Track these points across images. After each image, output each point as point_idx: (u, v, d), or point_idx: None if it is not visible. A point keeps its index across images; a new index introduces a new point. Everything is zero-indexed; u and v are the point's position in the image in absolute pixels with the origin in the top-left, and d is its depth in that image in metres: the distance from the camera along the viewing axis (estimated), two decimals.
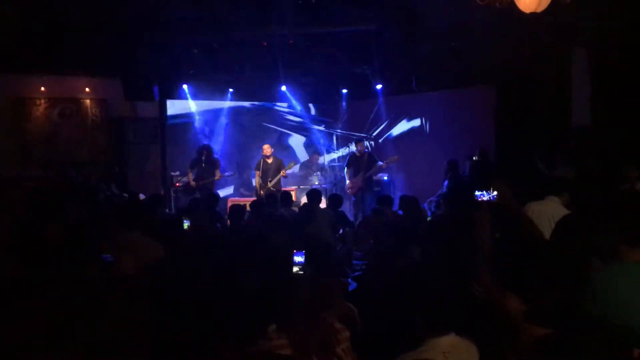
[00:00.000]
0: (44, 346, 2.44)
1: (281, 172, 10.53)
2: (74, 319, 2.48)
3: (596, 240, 4.35)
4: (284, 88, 12.78)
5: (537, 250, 4.02)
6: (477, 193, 7.68)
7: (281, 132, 13.63)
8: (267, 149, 10.75)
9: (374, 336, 3.79)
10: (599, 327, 3.04)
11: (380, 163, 11.02)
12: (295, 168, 12.17)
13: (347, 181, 11.19)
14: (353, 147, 11.80)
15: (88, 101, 12.22)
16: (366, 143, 12.21)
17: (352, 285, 5.29)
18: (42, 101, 11.78)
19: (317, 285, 3.50)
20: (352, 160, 11.24)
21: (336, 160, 13.45)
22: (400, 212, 7.80)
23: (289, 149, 13.41)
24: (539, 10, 5.32)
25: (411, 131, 12.60)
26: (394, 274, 4.40)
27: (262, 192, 10.50)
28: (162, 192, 11.75)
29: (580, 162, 8.80)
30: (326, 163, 13.15)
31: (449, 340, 2.91)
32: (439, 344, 2.89)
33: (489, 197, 7.53)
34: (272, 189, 10.33)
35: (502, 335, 3.40)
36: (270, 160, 10.65)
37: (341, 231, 7.90)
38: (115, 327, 2.54)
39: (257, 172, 10.81)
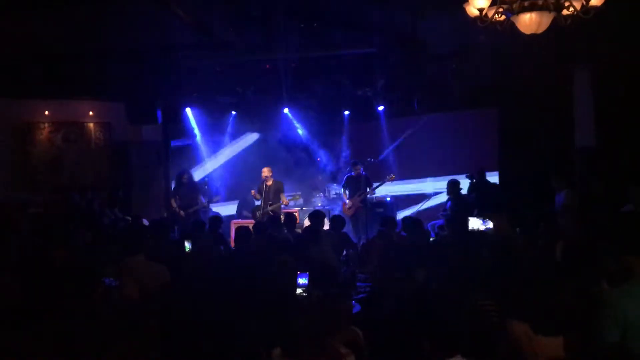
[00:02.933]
0: None
1: (283, 200, 10.44)
2: (78, 343, 2.46)
3: (603, 262, 4.34)
4: (286, 110, 12.83)
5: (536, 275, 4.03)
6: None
7: (284, 153, 13.60)
8: (266, 171, 10.65)
9: None
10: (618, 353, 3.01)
11: (373, 186, 11.09)
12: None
13: (347, 201, 11.20)
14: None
15: (92, 125, 12.25)
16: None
17: (356, 308, 5.26)
18: (46, 125, 11.81)
19: (322, 308, 3.47)
20: (349, 181, 11.30)
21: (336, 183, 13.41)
22: (404, 234, 7.77)
23: (290, 170, 13.38)
24: (539, 31, 5.35)
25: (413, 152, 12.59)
26: (400, 296, 4.37)
27: (258, 215, 10.45)
28: (166, 216, 11.74)
29: (584, 183, 8.80)
30: (327, 184, 13.14)
31: None
32: None
33: (485, 227, 7.54)
34: (270, 212, 10.27)
35: (510, 358, 3.38)
36: (269, 183, 10.56)
37: (345, 253, 7.86)
38: (120, 352, 2.52)
39: (256, 195, 10.76)
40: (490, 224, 7.52)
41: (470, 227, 7.63)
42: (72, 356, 2.44)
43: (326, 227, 8.47)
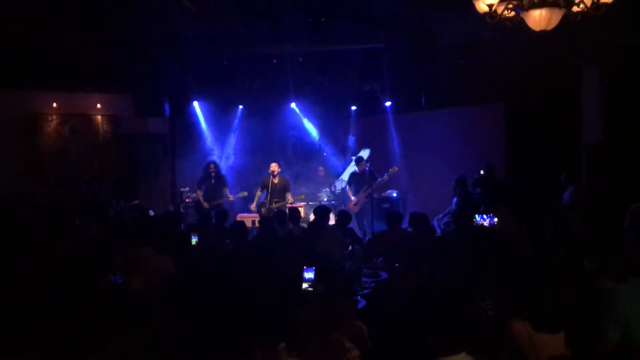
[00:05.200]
0: None
1: (289, 199, 10.48)
2: (85, 335, 2.47)
3: (608, 259, 4.33)
4: (293, 105, 12.82)
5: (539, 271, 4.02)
6: (477, 217, 7.65)
7: (291, 147, 13.59)
8: (274, 167, 10.70)
9: (384, 355, 3.76)
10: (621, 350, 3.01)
11: (380, 179, 11.03)
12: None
13: (353, 197, 11.20)
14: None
15: (99, 117, 12.31)
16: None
17: (362, 303, 5.26)
18: (54, 117, 11.87)
19: (327, 303, 3.47)
20: (353, 177, 11.28)
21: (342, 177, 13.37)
22: (410, 230, 7.75)
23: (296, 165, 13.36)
24: (549, 28, 5.31)
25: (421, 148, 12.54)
26: (405, 292, 4.37)
27: (263, 210, 10.50)
28: (172, 208, 11.77)
29: (591, 180, 8.76)
30: (333, 179, 13.12)
31: None
32: None
33: (489, 222, 7.50)
34: (275, 210, 10.30)
35: (511, 355, 3.38)
36: (276, 180, 10.62)
37: (350, 248, 7.86)
38: (125, 343, 2.53)
39: (259, 190, 10.82)
40: (495, 220, 7.49)
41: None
42: (78, 348, 2.46)
43: (332, 222, 8.46)
